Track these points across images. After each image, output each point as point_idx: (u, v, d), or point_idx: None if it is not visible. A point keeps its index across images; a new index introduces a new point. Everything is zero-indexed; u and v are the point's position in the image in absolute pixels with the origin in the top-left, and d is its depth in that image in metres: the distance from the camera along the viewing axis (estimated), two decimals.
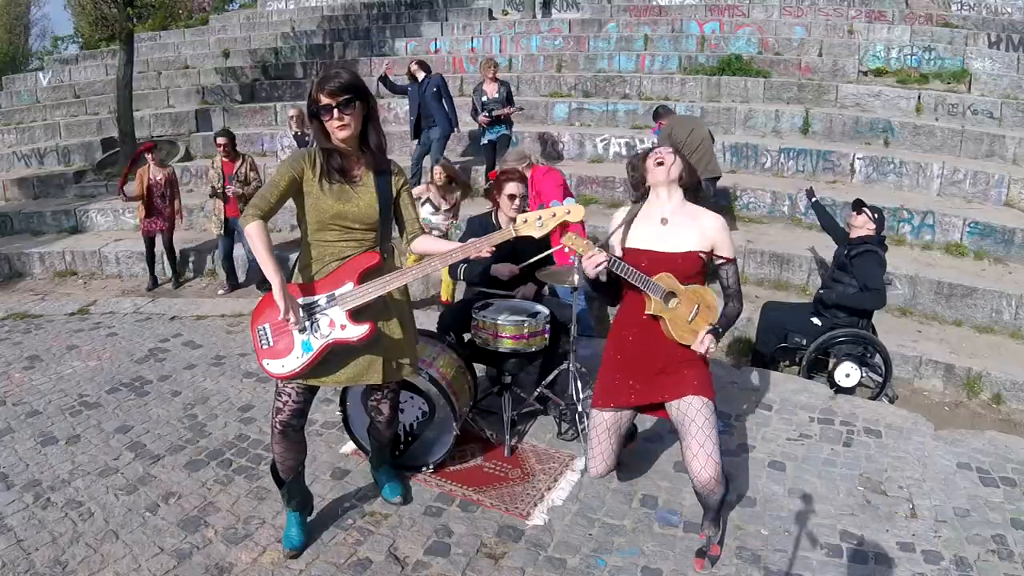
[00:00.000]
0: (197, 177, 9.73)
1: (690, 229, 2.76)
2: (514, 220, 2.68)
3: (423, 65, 8.35)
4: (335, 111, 2.50)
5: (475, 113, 8.22)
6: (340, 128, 2.54)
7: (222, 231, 7.16)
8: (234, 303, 6.54)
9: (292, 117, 7.96)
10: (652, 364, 2.84)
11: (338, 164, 2.62)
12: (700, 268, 2.80)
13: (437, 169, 6.27)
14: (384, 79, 8.95)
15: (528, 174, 5.53)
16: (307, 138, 7.95)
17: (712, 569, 2.89)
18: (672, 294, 2.74)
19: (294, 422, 2.77)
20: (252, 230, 2.53)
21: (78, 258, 8.41)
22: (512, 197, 4.02)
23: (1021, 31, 10.54)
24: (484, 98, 8.12)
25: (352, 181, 2.65)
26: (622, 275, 2.70)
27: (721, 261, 2.83)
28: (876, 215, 4.90)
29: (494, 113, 8.01)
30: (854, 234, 4.92)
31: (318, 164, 2.62)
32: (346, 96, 2.49)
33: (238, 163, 6.94)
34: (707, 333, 2.76)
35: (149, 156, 7.46)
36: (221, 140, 6.99)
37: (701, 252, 2.76)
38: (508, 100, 8.12)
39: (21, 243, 8.88)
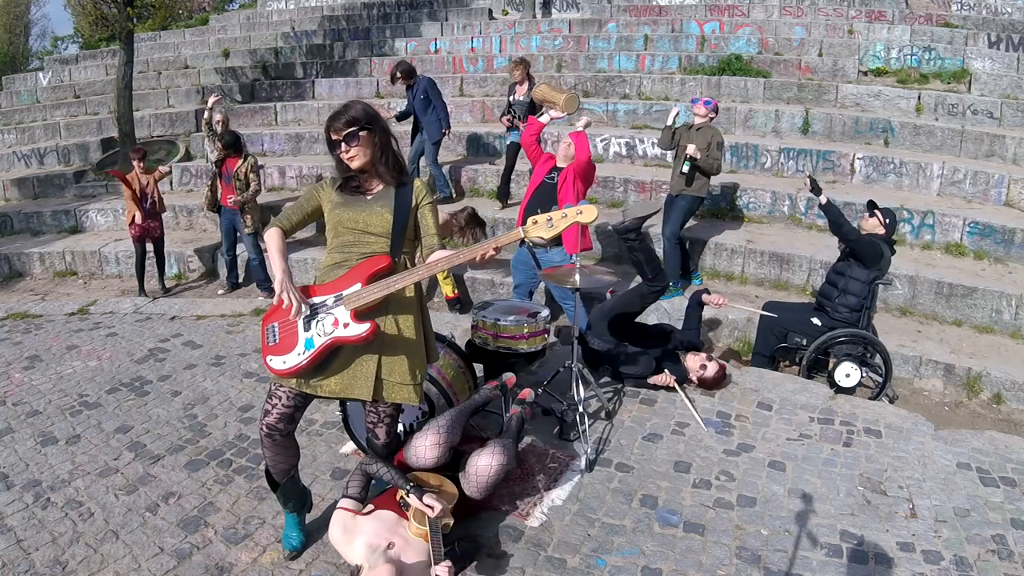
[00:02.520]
0: (197, 177, 9.74)
1: None
2: (524, 222, 2.67)
3: (406, 73, 7.99)
4: (342, 145, 2.68)
5: (523, 116, 7.74)
6: (349, 159, 2.71)
7: (216, 211, 7.22)
8: (234, 303, 6.55)
9: (219, 121, 7.79)
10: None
11: (355, 184, 2.79)
12: None
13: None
14: (397, 117, 8.41)
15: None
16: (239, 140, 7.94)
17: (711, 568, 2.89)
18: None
19: (281, 427, 2.75)
20: (270, 235, 2.75)
21: (78, 258, 8.41)
22: None
23: (1021, 31, 10.54)
24: (512, 98, 7.88)
25: (367, 193, 2.79)
26: None
27: None
28: (888, 219, 4.96)
29: (516, 120, 7.70)
30: (864, 232, 4.98)
31: (337, 181, 2.83)
32: (349, 130, 2.66)
33: (240, 162, 6.93)
34: None
35: (135, 161, 7.26)
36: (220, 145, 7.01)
37: None
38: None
39: (21, 243, 8.88)
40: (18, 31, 31.32)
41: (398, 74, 8.01)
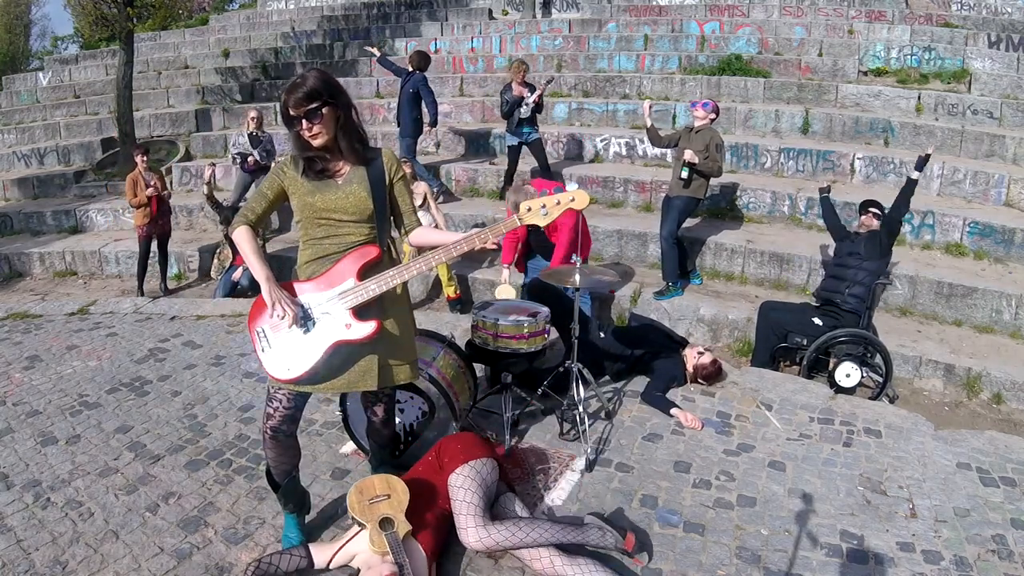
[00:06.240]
0: (197, 177, 9.74)
1: None
2: (518, 210, 2.66)
3: (413, 58, 8.21)
4: (303, 121, 2.47)
5: (508, 113, 7.95)
6: (312, 137, 2.51)
7: (220, 275, 7.36)
8: (234, 303, 6.53)
9: (252, 118, 8.09)
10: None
11: (320, 167, 2.59)
12: None
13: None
14: (381, 59, 8.73)
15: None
16: (261, 137, 8.06)
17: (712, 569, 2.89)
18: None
19: (285, 428, 2.73)
20: (239, 235, 2.62)
21: (78, 258, 8.42)
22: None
23: (1021, 31, 10.54)
24: (511, 95, 7.94)
25: (337, 175, 2.62)
26: None
27: None
28: (882, 211, 5.16)
29: (530, 102, 7.79)
30: (863, 230, 5.15)
31: (300, 163, 2.61)
32: (310, 106, 2.45)
33: None
34: None
35: (139, 158, 7.32)
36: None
37: None
38: (538, 106, 7.97)
39: (21, 243, 8.88)
40: (18, 31, 31.33)
41: (408, 57, 8.37)
